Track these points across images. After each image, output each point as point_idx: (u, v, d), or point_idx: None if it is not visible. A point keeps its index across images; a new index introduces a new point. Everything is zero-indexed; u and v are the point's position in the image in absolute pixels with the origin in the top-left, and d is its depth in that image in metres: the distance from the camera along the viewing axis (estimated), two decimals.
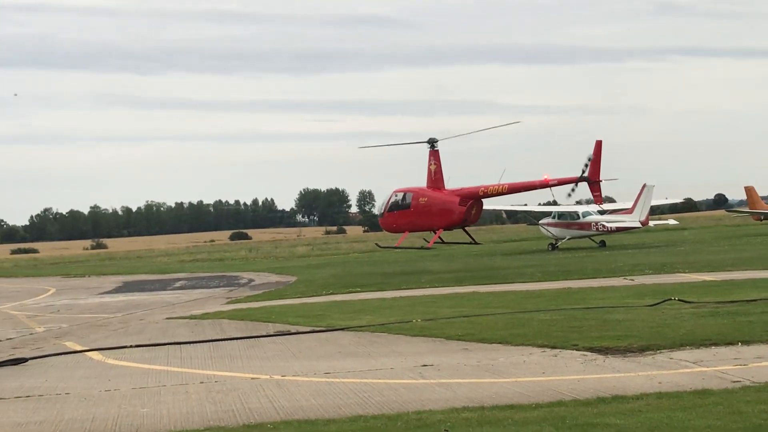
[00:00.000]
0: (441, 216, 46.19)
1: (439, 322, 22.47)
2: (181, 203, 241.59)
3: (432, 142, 46.86)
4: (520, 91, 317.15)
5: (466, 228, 48.88)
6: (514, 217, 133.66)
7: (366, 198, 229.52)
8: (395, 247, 51.44)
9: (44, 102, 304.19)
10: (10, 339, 24.83)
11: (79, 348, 21.66)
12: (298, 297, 34.08)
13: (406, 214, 46.94)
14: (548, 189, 46.52)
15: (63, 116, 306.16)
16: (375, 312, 26.08)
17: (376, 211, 49.33)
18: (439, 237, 47.41)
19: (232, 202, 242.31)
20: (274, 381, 15.56)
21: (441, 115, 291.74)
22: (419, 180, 47.75)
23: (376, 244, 60.54)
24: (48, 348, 22.03)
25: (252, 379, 15.89)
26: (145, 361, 18.90)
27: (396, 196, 48.13)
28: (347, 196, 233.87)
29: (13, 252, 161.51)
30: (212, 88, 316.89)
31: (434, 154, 46.90)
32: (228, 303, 33.82)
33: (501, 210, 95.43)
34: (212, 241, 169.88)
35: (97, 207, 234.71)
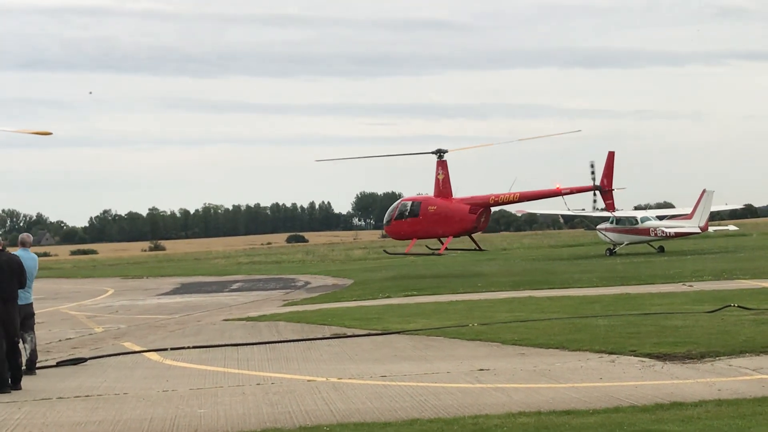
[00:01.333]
0: (452, 223, 47.77)
1: (496, 327, 22.39)
2: (239, 206, 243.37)
3: (440, 153, 48.33)
4: (578, 96, 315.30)
5: (473, 235, 50.24)
6: (571, 222, 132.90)
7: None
8: (405, 254, 52.77)
9: (105, 105, 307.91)
10: (70, 339, 25.14)
11: (137, 348, 21.87)
12: (354, 300, 34.13)
13: (416, 222, 48.54)
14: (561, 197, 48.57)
15: (123, 119, 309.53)
16: (431, 316, 26.05)
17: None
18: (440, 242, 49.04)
19: (289, 205, 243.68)
20: (330, 383, 15.59)
21: (498, 118, 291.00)
22: (472, 185, 48.58)
23: (384, 250, 61.67)
24: (106, 348, 22.28)
25: (308, 381, 15.94)
26: (202, 362, 19.04)
27: (403, 204, 50.03)
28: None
29: (73, 253, 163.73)
30: (270, 91, 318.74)
31: (442, 164, 48.45)
32: (284, 305, 33.96)
33: (558, 214, 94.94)
34: (269, 243, 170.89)
35: (156, 209, 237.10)
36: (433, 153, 48.54)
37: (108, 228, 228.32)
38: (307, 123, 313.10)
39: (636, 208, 79.15)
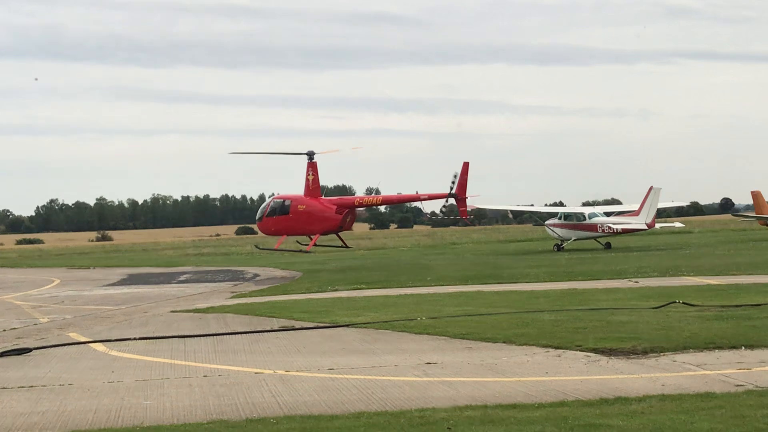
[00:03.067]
0: (319, 222, 50.63)
1: (444, 321, 22.48)
2: (188, 197, 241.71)
3: (310, 155, 51.03)
4: (528, 92, 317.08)
5: (340, 234, 53.11)
6: (519, 217, 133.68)
7: (372, 195, 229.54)
8: (275, 250, 54.97)
9: (51, 93, 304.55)
10: (15, 329, 24.89)
11: (83, 339, 21.69)
12: (303, 293, 34.10)
13: (286, 219, 50.98)
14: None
15: (70, 108, 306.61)
16: (379, 309, 26.10)
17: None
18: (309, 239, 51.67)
19: (239, 197, 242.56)
20: (278, 376, 15.57)
21: (449, 114, 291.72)
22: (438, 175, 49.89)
23: (255, 245, 64.66)
24: (52, 339, 22.07)
25: (255, 373, 15.91)
26: (148, 353, 18.93)
27: (275, 202, 52.17)
28: (354, 193, 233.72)
29: (19, 242, 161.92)
30: (221, 82, 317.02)
31: (312, 166, 51.15)
32: (233, 297, 33.85)
33: (507, 210, 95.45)
34: (218, 235, 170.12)
35: (103, 199, 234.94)
36: (305, 154, 51.11)
37: (54, 217, 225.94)
38: (258, 114, 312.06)
39: (584, 205, 79.81)
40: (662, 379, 14.18)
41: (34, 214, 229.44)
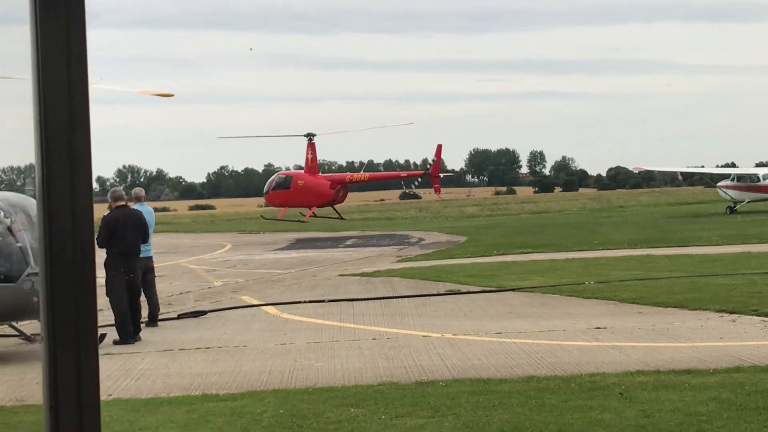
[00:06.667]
0: (315, 196, 58.47)
1: (613, 285, 22.13)
2: (352, 162, 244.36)
3: (310, 136, 59.02)
4: (695, 50, 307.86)
5: (335, 206, 60.85)
6: (690, 179, 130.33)
7: (537, 158, 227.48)
8: (277, 219, 62.61)
9: (220, 62, 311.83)
10: (190, 292, 25.67)
11: (255, 302, 22.23)
12: (468, 257, 34.08)
13: (287, 193, 59.15)
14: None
15: (237, 76, 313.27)
16: (546, 273, 25.88)
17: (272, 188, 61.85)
18: (313, 213, 59.66)
19: (402, 162, 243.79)
20: (446, 339, 15.62)
21: (613, 74, 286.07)
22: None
23: (262, 216, 72.00)
24: (225, 301, 22.68)
25: (423, 336, 16.00)
26: (318, 316, 19.26)
27: (279, 178, 61.02)
28: (518, 157, 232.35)
29: (191, 208, 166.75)
30: (383, 48, 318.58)
31: (311, 146, 59.16)
32: (398, 261, 34.10)
33: (676, 171, 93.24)
34: (382, 200, 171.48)
35: (271, 165, 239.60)
36: (304, 136, 58.98)
37: (224, 183, 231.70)
38: (419, 79, 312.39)
39: (757, 165, 77.18)
40: None
41: (205, 180, 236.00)
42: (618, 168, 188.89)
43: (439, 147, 58.58)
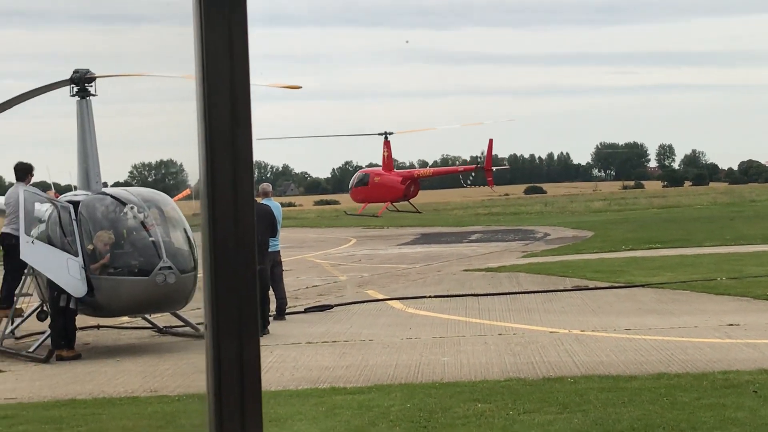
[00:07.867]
0: (388, 191, 62.88)
1: (746, 281, 21.57)
2: (476, 157, 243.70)
3: (386, 135, 63.23)
4: None
5: (411, 201, 65.38)
6: None
7: (666, 152, 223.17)
8: (358, 215, 65.55)
9: (346, 59, 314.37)
10: (316, 286, 25.92)
11: (380, 297, 22.32)
12: (596, 252, 33.63)
13: (366, 189, 63.60)
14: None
15: (364, 72, 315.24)
16: (676, 269, 25.36)
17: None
18: (393, 205, 63.81)
19: (527, 156, 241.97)
20: (573, 335, 15.45)
21: (744, 66, 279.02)
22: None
23: (345, 212, 75.76)
24: (351, 296, 22.84)
25: (550, 332, 15.85)
26: (443, 311, 19.25)
27: (359, 175, 66.06)
28: (646, 150, 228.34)
29: (317, 203, 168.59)
30: (507, 41, 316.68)
31: (387, 144, 63.48)
32: (524, 256, 33.86)
33: None
34: (506, 195, 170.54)
35: (395, 161, 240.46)
36: (379, 135, 63.31)
37: (348, 179, 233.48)
38: (545, 73, 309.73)
39: None
40: None
41: (330, 176, 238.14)
42: (750, 161, 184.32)
43: (491, 142, 62.64)
